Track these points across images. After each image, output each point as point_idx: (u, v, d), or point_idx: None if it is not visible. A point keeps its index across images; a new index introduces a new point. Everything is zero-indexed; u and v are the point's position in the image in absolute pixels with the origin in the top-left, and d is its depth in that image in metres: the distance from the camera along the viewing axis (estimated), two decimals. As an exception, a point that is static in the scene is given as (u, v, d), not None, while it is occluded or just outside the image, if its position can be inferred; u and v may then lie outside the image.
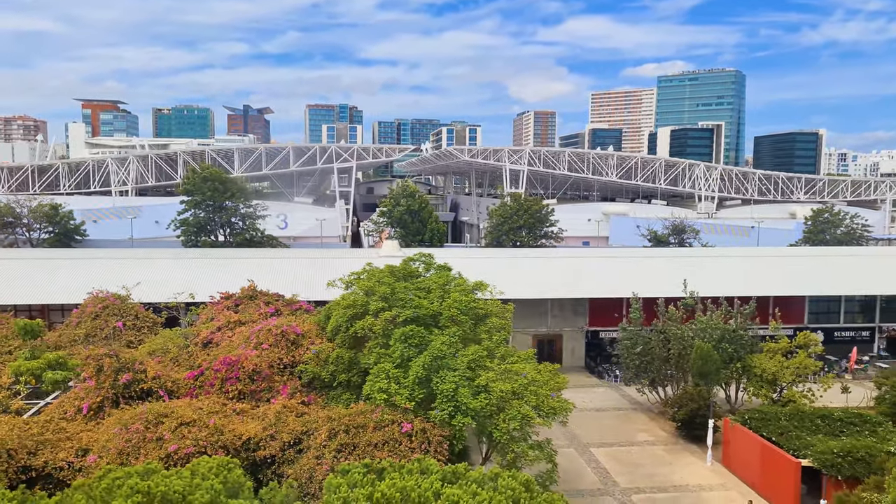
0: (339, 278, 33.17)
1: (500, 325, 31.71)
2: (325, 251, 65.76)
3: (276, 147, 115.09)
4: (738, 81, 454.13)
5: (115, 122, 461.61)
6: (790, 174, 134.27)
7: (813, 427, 37.13)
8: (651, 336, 45.25)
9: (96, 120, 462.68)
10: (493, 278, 59.61)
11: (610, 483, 36.69)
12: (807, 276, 62.95)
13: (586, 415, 47.37)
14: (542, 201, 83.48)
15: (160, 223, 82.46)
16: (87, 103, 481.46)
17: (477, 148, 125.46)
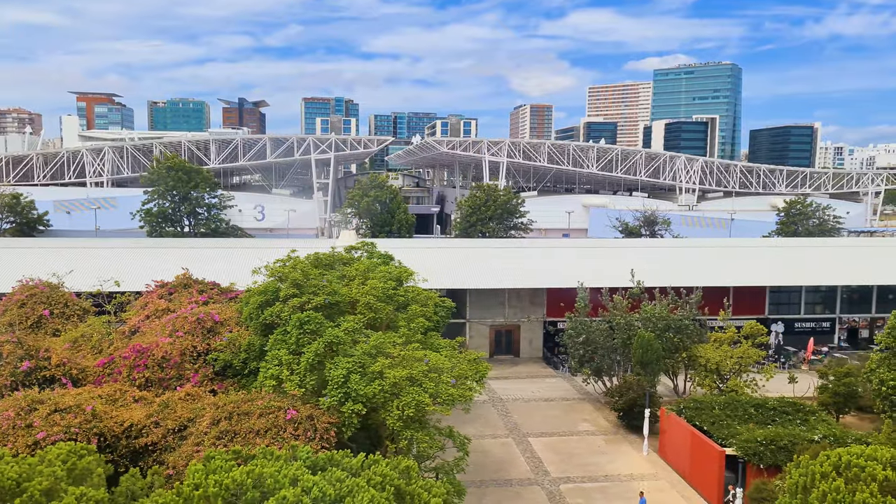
0: (263, 266, 32.83)
1: (420, 312, 31.40)
2: (277, 241, 65.30)
3: (253, 138, 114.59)
4: (734, 75, 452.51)
5: (109, 114, 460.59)
6: (772, 166, 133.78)
7: (746, 416, 36.89)
8: (595, 325, 44.98)
9: (91, 113, 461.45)
10: (448, 268, 59.77)
11: (541, 472, 36.50)
12: (768, 267, 62.61)
13: (532, 405, 47.24)
14: (511, 192, 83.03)
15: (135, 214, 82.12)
16: (81, 96, 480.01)
17: (455, 139, 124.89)
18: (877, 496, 20.02)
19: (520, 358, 59.61)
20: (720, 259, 65.21)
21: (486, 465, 37.31)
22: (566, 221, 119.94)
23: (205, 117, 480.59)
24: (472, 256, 62.77)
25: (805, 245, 72.45)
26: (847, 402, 41.98)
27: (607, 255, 64.50)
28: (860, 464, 21.54)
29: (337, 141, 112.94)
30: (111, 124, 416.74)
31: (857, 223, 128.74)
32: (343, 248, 43.54)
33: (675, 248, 70.85)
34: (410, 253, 62.70)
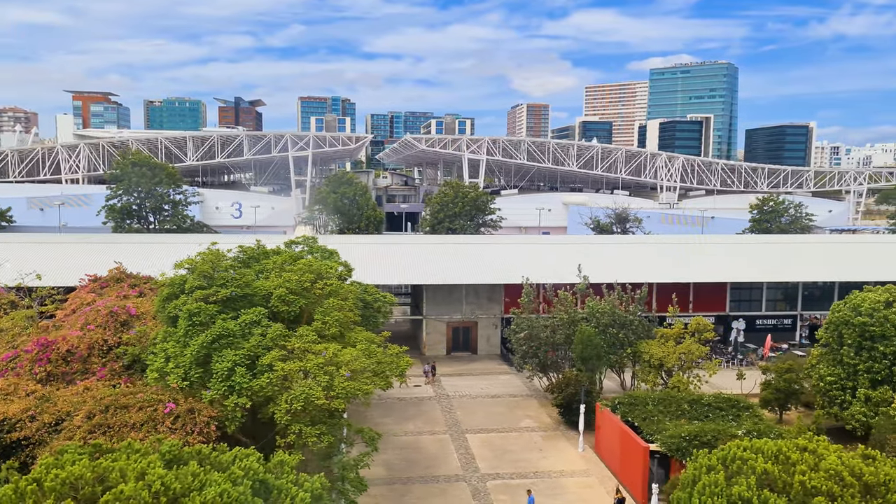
0: (186, 258, 32.41)
1: (338, 306, 30.95)
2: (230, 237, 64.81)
3: (230, 135, 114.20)
4: (730, 74, 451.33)
5: (105, 113, 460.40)
6: (753, 165, 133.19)
7: (679, 412, 36.49)
8: (538, 321, 44.57)
9: (87, 112, 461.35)
10: (405, 264, 59.38)
11: (471, 469, 36.10)
12: (729, 264, 62.20)
13: (479, 401, 46.84)
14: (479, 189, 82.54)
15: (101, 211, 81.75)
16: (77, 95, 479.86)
17: (434, 137, 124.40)
18: (753, 489, 19.62)
19: (477, 355, 59.20)
20: (683, 255, 64.83)
21: (418, 461, 36.94)
22: (546, 219, 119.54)
23: (201, 116, 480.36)
24: (432, 253, 62.42)
25: (769, 242, 72.04)
26: (788, 398, 41.58)
27: (570, 252, 63.99)
28: (744, 457, 21.16)
29: (315, 138, 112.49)
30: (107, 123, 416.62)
31: (839, 221, 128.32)
32: (283, 243, 43.20)
33: (640, 244, 70.46)
34: (368, 249, 62.55)
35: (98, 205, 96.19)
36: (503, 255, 62.10)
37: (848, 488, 19.48)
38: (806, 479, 19.54)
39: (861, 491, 19.59)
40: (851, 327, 36.31)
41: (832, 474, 19.73)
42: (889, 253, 67.54)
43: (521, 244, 67.56)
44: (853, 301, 37.05)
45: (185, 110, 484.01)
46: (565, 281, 48.89)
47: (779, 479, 19.94)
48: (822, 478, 19.62)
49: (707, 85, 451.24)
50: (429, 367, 51.98)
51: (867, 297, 36.84)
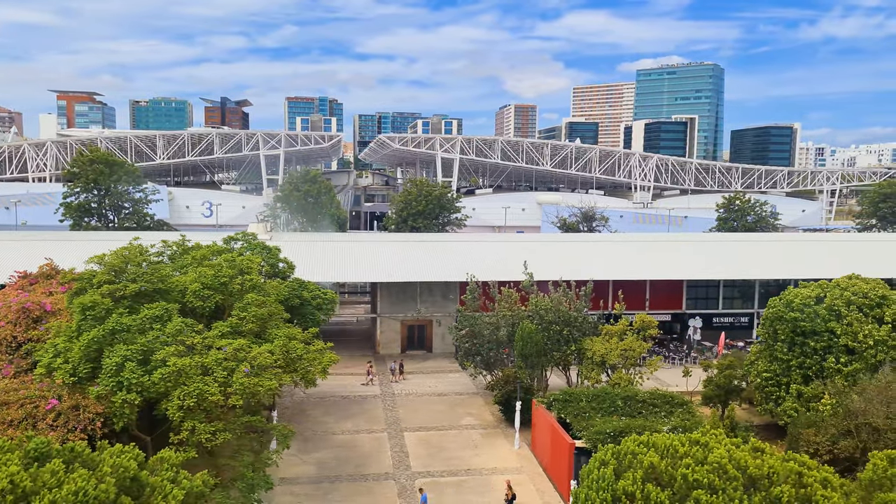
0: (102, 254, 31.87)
1: (258, 301, 30.55)
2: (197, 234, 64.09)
3: (200, 133, 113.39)
4: (715, 75, 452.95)
5: (90, 113, 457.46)
6: (727, 164, 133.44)
7: (612, 408, 36.30)
8: (481, 318, 44.27)
9: (71, 112, 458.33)
10: (358, 262, 58.94)
11: (402, 467, 35.74)
12: (686, 262, 62.14)
13: (424, 399, 46.50)
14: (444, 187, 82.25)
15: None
16: (62, 94, 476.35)
17: (407, 136, 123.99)
18: (638, 482, 19.37)
19: (432, 353, 58.85)
20: (642, 253, 64.71)
21: (350, 459, 36.54)
22: (521, 218, 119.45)
23: (187, 117, 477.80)
24: (389, 250, 61.98)
25: (729, 240, 72.09)
26: (729, 394, 41.40)
27: (529, 250, 63.75)
28: (634, 451, 20.91)
29: (286, 136, 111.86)
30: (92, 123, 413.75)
31: (812, 221, 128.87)
32: (222, 239, 42.72)
33: (601, 242, 70.37)
34: (325, 246, 62.11)
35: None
36: (461, 252, 61.70)
37: (731, 481, 19.25)
38: (689, 472, 19.30)
39: (745, 484, 19.37)
40: (784, 323, 36.21)
41: (716, 467, 19.50)
42: (849, 250, 67.68)
43: (480, 242, 67.25)
44: (787, 297, 36.97)
45: (172, 110, 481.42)
46: (513, 278, 48.52)
47: (664, 472, 19.69)
48: (706, 471, 19.38)
49: (693, 86, 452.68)
50: (395, 366, 51.64)
51: (800, 292, 36.77)
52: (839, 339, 34.76)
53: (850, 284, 36.05)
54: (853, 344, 34.45)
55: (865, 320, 34.62)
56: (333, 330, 68.98)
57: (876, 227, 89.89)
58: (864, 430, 26.45)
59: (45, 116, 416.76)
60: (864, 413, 26.64)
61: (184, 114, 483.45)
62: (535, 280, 46.77)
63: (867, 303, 35.03)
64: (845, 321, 34.79)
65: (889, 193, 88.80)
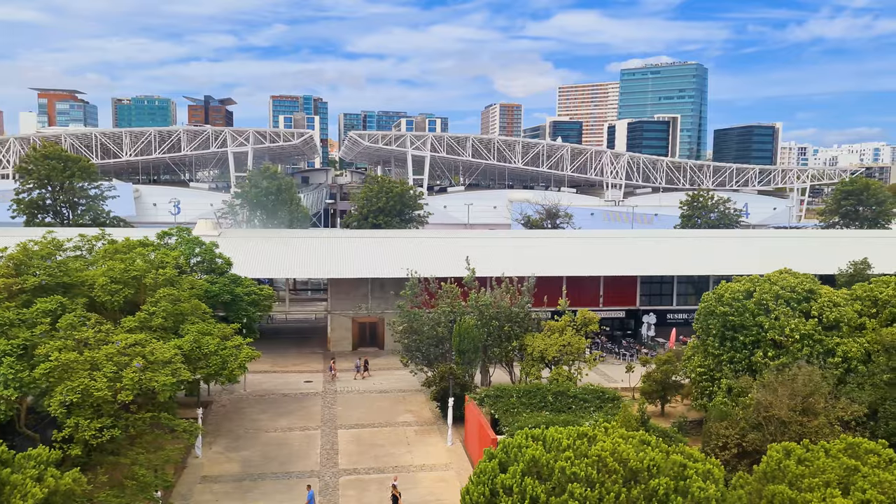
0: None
1: (171, 296, 29.98)
2: (125, 230, 63.40)
3: (168, 130, 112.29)
4: (699, 75, 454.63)
5: (71, 111, 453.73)
6: (698, 162, 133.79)
7: (542, 404, 36.11)
8: (421, 314, 43.87)
9: (52, 110, 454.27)
10: (309, 258, 58.36)
11: (329, 465, 35.28)
12: (641, 258, 61.97)
13: (365, 396, 46.06)
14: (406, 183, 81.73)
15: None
16: (43, 93, 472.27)
17: (378, 133, 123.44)
18: (517, 476, 19.04)
19: (384, 350, 58.37)
20: (598, 249, 64.59)
21: (277, 457, 36.02)
22: (492, 216, 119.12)
23: (170, 115, 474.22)
24: (341, 247, 61.49)
25: (688, 236, 72.14)
26: (666, 389, 41.29)
27: (485, 246, 63.55)
28: (521, 444, 20.60)
29: (255, 134, 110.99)
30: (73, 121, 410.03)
31: (783, 219, 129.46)
32: (155, 234, 42.11)
33: (559, 238, 70.20)
34: (278, 243, 61.53)
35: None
36: (416, 249, 61.32)
37: (611, 474, 18.96)
38: (568, 465, 19.00)
39: (626, 477, 19.08)
40: (715, 317, 36.05)
41: (595, 461, 19.20)
42: (807, 246, 67.95)
43: (436, 238, 66.81)
44: (719, 291, 36.80)
45: (154, 109, 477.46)
46: (457, 274, 48.13)
47: (545, 466, 19.36)
48: (586, 464, 19.08)
49: (677, 85, 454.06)
50: (360, 363, 51.09)
51: (730, 286, 36.62)
52: (767, 333, 34.63)
53: (780, 279, 35.94)
54: (780, 338, 34.34)
55: (793, 314, 34.51)
56: (290, 328, 68.49)
57: (839, 224, 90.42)
58: (773, 422, 26.27)
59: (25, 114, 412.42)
60: (770, 406, 26.45)
61: (167, 112, 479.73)
62: (477, 276, 46.39)
63: (795, 297, 34.92)
64: (773, 315, 34.67)
65: (851, 191, 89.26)
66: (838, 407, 26.39)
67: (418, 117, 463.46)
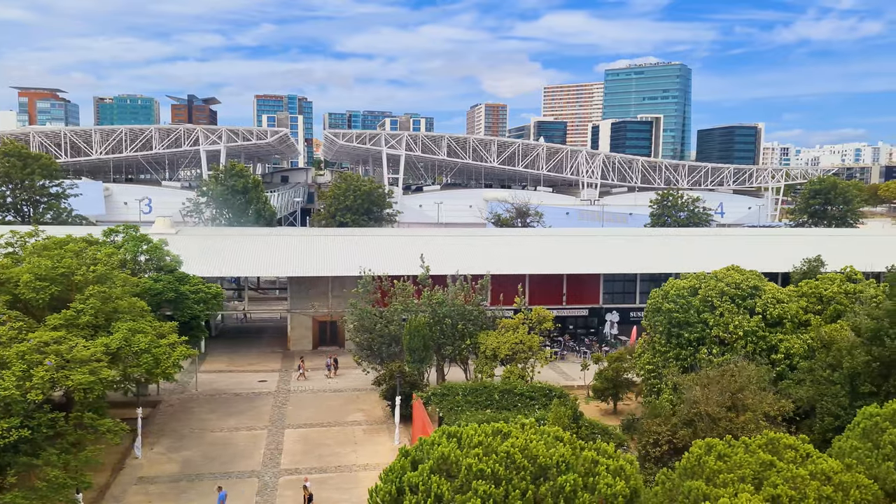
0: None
1: (101, 294, 29.39)
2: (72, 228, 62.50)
3: (139, 128, 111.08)
4: (682, 75, 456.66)
5: (52, 110, 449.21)
6: (674, 162, 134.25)
7: (488, 402, 35.83)
8: (373, 312, 43.48)
9: (33, 108, 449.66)
10: (269, 257, 57.81)
11: (271, 465, 34.81)
12: (604, 256, 61.90)
13: (318, 395, 45.59)
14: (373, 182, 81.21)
15: None
16: (24, 91, 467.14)
17: (352, 132, 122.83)
18: (425, 474, 18.70)
19: (345, 349, 57.78)
20: (564, 248, 64.49)
21: (219, 457, 35.49)
22: (467, 215, 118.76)
23: (154, 114, 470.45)
24: (301, 245, 60.94)
25: (654, 234, 72.19)
26: (618, 387, 41.13)
27: (449, 245, 63.25)
28: (435, 441, 20.26)
29: (227, 132, 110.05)
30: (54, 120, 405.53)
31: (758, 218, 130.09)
32: (101, 232, 41.44)
33: (525, 237, 70.06)
34: (237, 241, 60.86)
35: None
36: (378, 247, 60.86)
37: (520, 471, 18.66)
38: (475, 462, 18.68)
39: (536, 473, 18.79)
40: (661, 314, 35.92)
41: (503, 457, 18.90)
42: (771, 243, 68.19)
43: (400, 236, 66.50)
44: (665, 288, 36.69)
45: (137, 108, 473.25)
46: (412, 272, 47.77)
47: (454, 463, 19.04)
48: (494, 461, 18.77)
49: (660, 86, 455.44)
50: (331, 361, 50.58)
51: (676, 283, 36.52)
52: (712, 330, 34.56)
53: (726, 276, 35.89)
54: (724, 335, 34.27)
55: (737, 311, 34.44)
56: (254, 327, 67.82)
57: (807, 223, 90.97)
58: (704, 419, 26.12)
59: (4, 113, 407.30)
60: (697, 402, 26.30)
61: (150, 111, 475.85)
62: (434, 274, 46.07)
63: (739, 294, 34.86)
64: (718, 312, 34.59)
65: (819, 190, 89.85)
66: (765, 402, 26.28)
67: (403, 117, 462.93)
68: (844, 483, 19.77)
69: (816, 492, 19.25)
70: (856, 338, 29.17)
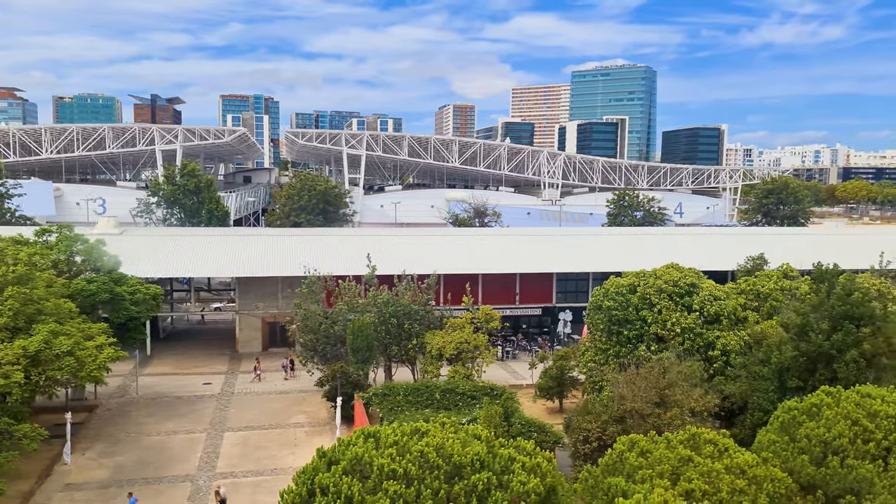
0: None
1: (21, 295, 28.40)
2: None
3: (91, 127, 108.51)
4: (648, 77, 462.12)
5: (10, 109, 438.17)
6: (635, 162, 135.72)
7: (430, 402, 35.58)
8: (317, 312, 42.91)
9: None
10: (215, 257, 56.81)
11: (207, 468, 34.05)
12: (557, 255, 62.12)
13: (263, 398, 44.84)
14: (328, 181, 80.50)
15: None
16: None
17: (312, 132, 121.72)
18: (337, 475, 18.33)
19: (296, 350, 57.03)
20: (518, 247, 64.60)
21: (153, 462, 34.61)
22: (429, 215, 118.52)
23: (115, 114, 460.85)
24: (251, 245, 60.03)
25: (610, 234, 72.74)
26: (562, 384, 41.18)
27: (403, 244, 62.88)
28: (351, 441, 19.93)
29: (184, 131, 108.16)
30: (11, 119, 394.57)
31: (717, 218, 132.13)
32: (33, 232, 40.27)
33: (481, 236, 70.04)
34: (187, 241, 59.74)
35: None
36: (327, 247, 60.24)
37: (434, 470, 18.40)
38: (387, 462, 18.38)
39: (450, 472, 18.54)
40: (602, 312, 36.02)
41: (417, 457, 18.62)
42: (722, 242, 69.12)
43: (353, 236, 65.96)
44: (606, 286, 36.81)
45: (98, 107, 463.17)
46: (360, 272, 47.32)
47: (367, 464, 18.71)
48: (407, 461, 18.48)
49: (626, 88, 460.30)
50: (287, 362, 49.69)
51: (617, 281, 36.67)
52: (650, 327, 34.74)
53: (664, 273, 36.13)
54: (662, 332, 34.48)
55: (675, 308, 34.68)
56: (206, 329, 66.54)
57: (760, 222, 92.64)
58: (633, 415, 26.19)
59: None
60: (625, 399, 26.37)
61: (111, 111, 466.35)
62: (383, 274, 45.70)
63: (677, 291, 35.11)
64: (656, 309, 34.79)
65: (771, 190, 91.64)
66: (692, 398, 26.44)
67: (371, 117, 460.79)
68: (758, 476, 19.92)
69: (730, 485, 19.35)
70: (784, 333, 29.55)
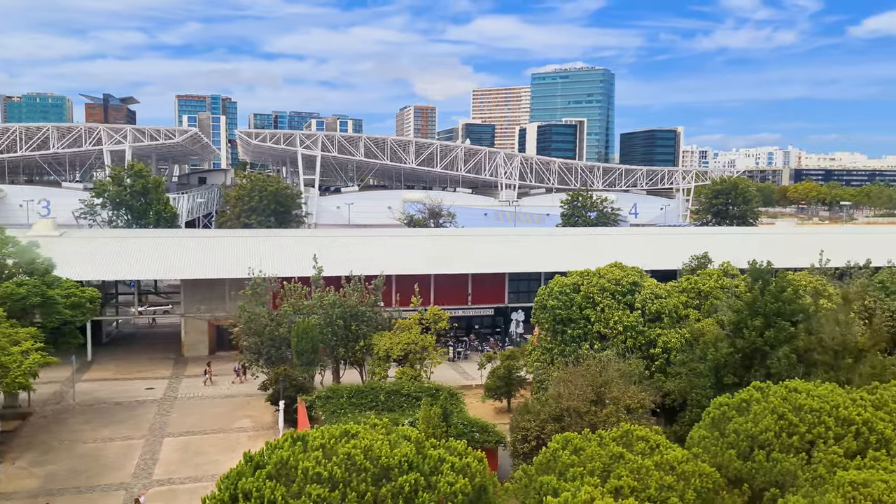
0: None
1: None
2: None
3: (35, 126, 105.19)
4: (606, 80, 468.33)
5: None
6: (590, 163, 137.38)
7: (373, 404, 35.17)
8: (260, 314, 42.15)
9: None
10: (159, 259, 55.50)
11: (143, 476, 33.10)
12: (509, 255, 62.29)
13: (206, 402, 43.89)
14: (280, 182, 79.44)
15: None
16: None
17: (266, 132, 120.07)
18: (261, 479, 17.89)
19: (242, 354, 55.95)
20: (470, 248, 64.55)
21: (86, 470, 33.50)
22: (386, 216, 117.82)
23: (66, 113, 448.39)
24: (196, 247, 58.78)
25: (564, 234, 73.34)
26: (510, 384, 41.21)
27: (354, 245, 62.34)
28: (279, 445, 19.48)
29: (133, 131, 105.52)
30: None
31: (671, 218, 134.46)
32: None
33: (435, 237, 69.85)
34: (132, 243, 58.22)
35: None
36: (275, 248, 59.30)
37: (360, 473, 18.08)
38: (312, 465, 18.00)
39: (378, 474, 18.24)
40: (547, 311, 36.14)
41: (343, 459, 18.28)
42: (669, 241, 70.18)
43: (303, 238, 65.08)
44: (550, 285, 36.95)
45: (48, 107, 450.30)
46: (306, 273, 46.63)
47: (293, 468, 18.30)
48: (332, 464, 18.13)
49: (585, 90, 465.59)
50: (239, 367, 48.43)
51: (561, 280, 36.85)
52: (593, 325, 34.98)
53: (607, 272, 36.44)
54: (605, 330, 34.74)
55: (617, 307, 34.98)
56: (154, 333, 64.85)
57: (710, 222, 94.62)
58: (571, 413, 26.28)
59: None
60: (561, 397, 26.47)
61: (62, 110, 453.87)
62: (330, 275, 45.10)
63: (620, 289, 35.44)
64: (599, 308, 35.03)
65: (720, 190, 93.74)
66: (627, 395, 26.66)
67: (330, 118, 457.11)
68: (686, 472, 20.09)
69: (658, 482, 19.47)
70: (720, 330, 30.03)
